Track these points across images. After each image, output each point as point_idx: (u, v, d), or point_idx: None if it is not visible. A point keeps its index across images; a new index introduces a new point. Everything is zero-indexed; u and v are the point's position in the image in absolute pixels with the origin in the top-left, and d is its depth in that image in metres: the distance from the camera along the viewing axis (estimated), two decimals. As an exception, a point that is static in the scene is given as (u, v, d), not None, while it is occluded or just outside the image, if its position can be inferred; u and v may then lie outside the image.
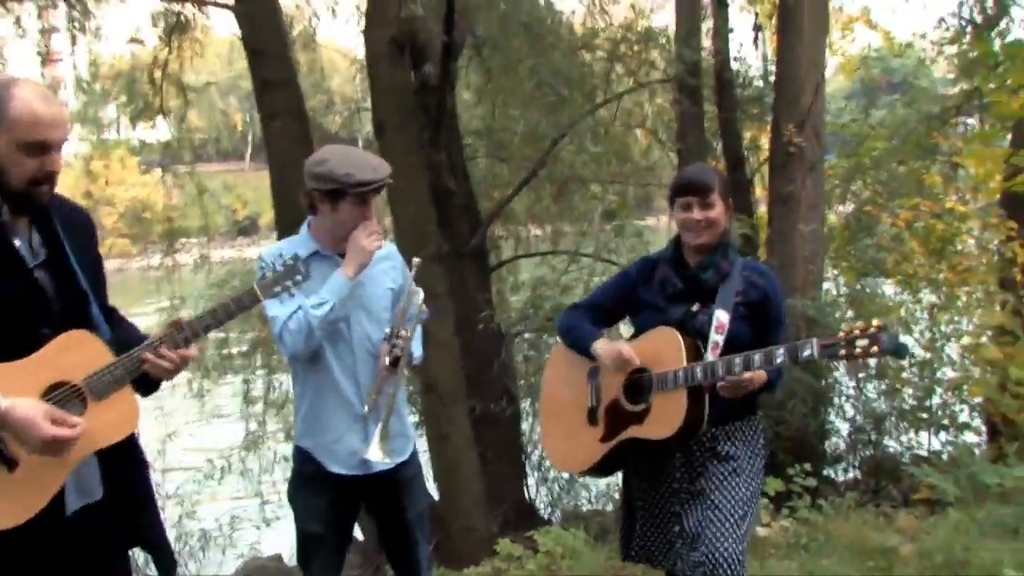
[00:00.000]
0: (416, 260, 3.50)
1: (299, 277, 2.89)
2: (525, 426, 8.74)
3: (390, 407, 3.32)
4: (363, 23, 7.56)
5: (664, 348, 3.21)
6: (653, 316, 3.32)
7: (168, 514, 7.85)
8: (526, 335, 8.99)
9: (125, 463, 2.63)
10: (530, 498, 8.67)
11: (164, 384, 2.69)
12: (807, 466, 6.30)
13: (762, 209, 9.10)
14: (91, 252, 2.70)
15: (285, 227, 6.98)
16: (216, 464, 9.21)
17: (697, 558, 3.12)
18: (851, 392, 8.22)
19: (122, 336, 2.64)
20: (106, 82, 9.91)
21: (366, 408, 3.31)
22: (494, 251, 9.91)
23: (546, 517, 8.37)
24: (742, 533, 3.15)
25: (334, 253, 3.33)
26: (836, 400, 8.12)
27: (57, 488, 2.45)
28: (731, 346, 3.13)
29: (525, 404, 8.57)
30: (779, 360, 3.01)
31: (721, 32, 9.26)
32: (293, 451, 3.52)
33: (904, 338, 8.23)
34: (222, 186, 12.24)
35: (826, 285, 8.58)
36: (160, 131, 10.44)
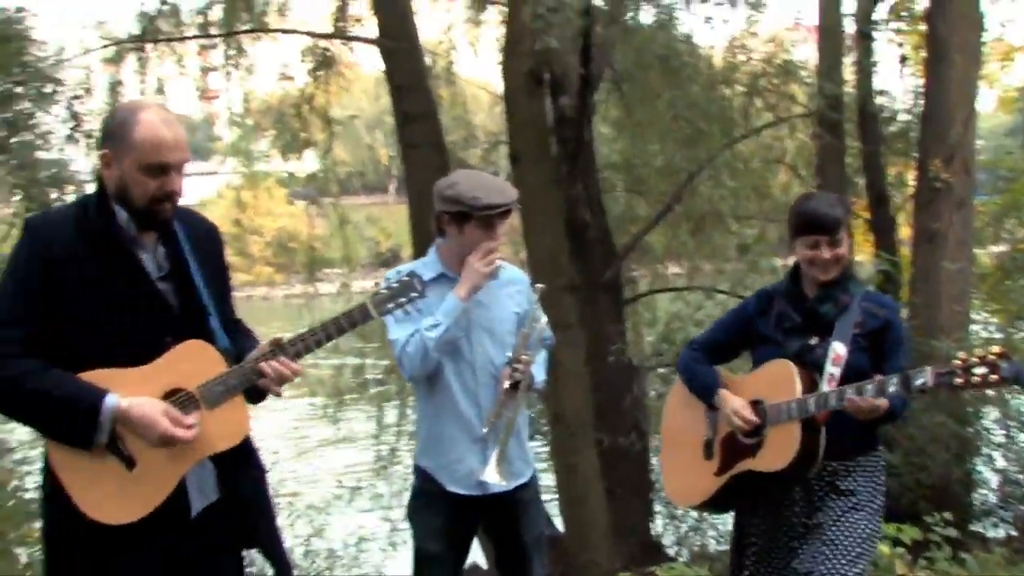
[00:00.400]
0: (539, 285, 3.52)
1: (414, 294, 2.86)
2: (655, 461, 8.60)
3: (509, 430, 3.34)
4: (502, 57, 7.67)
5: (779, 380, 3.15)
6: (771, 350, 3.27)
7: (297, 532, 8.05)
8: (659, 370, 8.88)
9: (238, 467, 2.72)
10: (657, 534, 8.52)
11: (298, 405, 2.78)
12: (947, 515, 5.97)
13: (905, 248, 8.75)
14: (216, 264, 2.82)
15: (422, 255, 7.10)
16: (346, 486, 9.39)
17: (809, 595, 3.02)
18: (1002, 440, 7.79)
19: (241, 348, 2.74)
20: (257, 116, 10.33)
21: (485, 430, 3.34)
22: (630, 286, 9.85)
23: (672, 555, 8.20)
24: (857, 572, 3.04)
25: (460, 275, 3.38)
26: (984, 449, 7.70)
27: (173, 487, 2.55)
28: (851, 378, 3.04)
29: (655, 439, 8.44)
30: (892, 389, 2.90)
31: (864, 65, 8.96)
32: (414, 470, 3.58)
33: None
34: (366, 218, 12.54)
35: (975, 327, 8.17)
36: (308, 163, 10.78)
